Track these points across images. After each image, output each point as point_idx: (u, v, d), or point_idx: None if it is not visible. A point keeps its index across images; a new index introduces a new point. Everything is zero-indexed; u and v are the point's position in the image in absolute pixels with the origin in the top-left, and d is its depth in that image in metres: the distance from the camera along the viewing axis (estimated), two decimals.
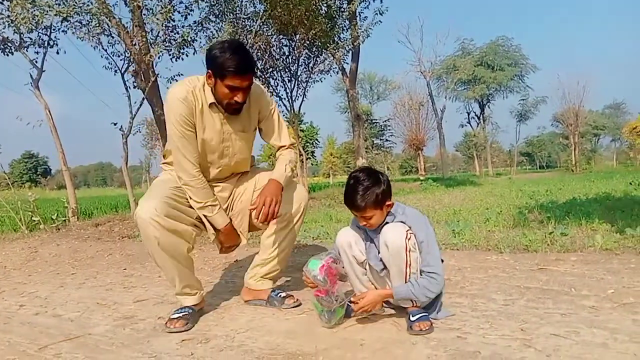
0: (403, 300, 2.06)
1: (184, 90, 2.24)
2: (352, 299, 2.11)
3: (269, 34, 12.33)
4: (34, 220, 6.86)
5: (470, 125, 43.19)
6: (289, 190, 2.47)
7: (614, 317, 2.00)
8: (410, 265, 2.01)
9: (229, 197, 2.53)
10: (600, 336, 1.79)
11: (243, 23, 10.53)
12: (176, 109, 2.22)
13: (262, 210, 2.22)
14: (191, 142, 2.27)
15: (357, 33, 13.05)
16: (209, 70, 2.20)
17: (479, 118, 41.88)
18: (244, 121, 2.41)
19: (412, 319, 1.99)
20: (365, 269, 2.21)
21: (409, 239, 1.99)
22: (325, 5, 12.01)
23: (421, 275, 2.04)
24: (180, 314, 2.29)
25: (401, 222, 2.06)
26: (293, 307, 2.47)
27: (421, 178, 27.44)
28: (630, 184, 10.21)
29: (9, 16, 6.80)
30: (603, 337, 1.79)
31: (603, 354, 1.63)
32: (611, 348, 1.68)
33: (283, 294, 2.56)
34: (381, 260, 2.11)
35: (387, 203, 2.07)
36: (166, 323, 2.27)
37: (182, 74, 8.73)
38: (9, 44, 7.39)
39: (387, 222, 2.10)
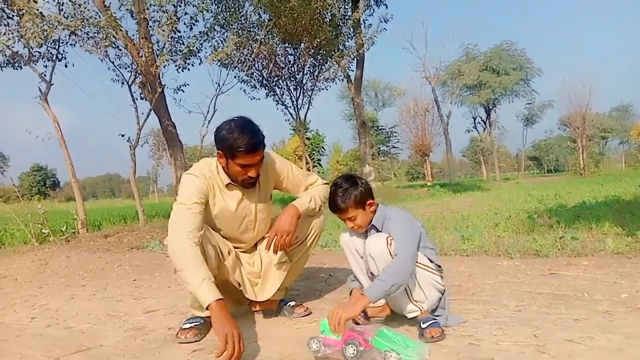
0: (381, 298, 2.04)
1: (199, 172, 2.25)
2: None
3: (274, 42, 12.42)
4: (44, 233, 6.91)
5: (477, 130, 43.12)
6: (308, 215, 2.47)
7: (629, 321, 1.97)
8: None
9: (255, 253, 2.54)
10: (615, 341, 1.77)
11: (248, 32, 10.61)
12: (189, 184, 2.21)
13: (273, 242, 2.25)
14: (196, 217, 2.13)
15: (362, 41, 13.10)
16: (220, 151, 2.20)
17: (485, 123, 41.78)
18: (262, 193, 2.43)
19: (423, 326, 1.98)
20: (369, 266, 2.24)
21: (390, 245, 2.03)
22: (329, 13, 12.07)
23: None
24: (192, 324, 2.28)
25: (388, 225, 2.13)
26: (303, 316, 2.47)
27: (428, 184, 27.39)
28: None
29: (18, 31, 6.90)
30: (618, 342, 1.76)
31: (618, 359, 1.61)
32: (627, 353, 1.66)
33: (293, 303, 2.55)
34: (371, 272, 2.14)
35: (369, 202, 2.15)
36: (177, 334, 2.27)
37: (188, 84, 8.82)
38: (18, 58, 7.50)
39: (374, 226, 2.16)
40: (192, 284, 1.96)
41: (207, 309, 1.93)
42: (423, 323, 1.99)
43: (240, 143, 2.11)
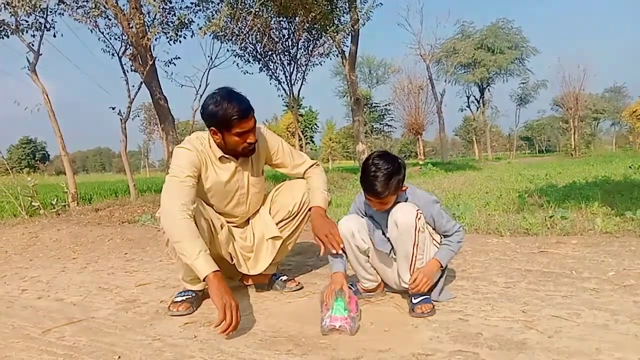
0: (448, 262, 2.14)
1: (191, 145, 2.22)
2: (410, 286, 2.04)
3: (269, 15, 12.19)
4: (34, 206, 6.85)
5: (470, 109, 43.03)
6: (297, 185, 2.49)
7: (615, 299, 2.01)
8: (417, 245, 2.01)
9: (247, 228, 2.53)
10: (601, 318, 1.80)
11: (242, 4, 10.37)
12: (182, 157, 2.18)
13: (327, 246, 2.20)
14: (189, 190, 2.12)
15: (357, 16, 12.88)
16: (212, 128, 2.17)
17: (478, 102, 41.69)
18: (255, 166, 2.41)
19: (414, 301, 2.00)
20: (368, 256, 2.23)
21: (419, 219, 1.99)
22: None
23: (448, 238, 2.12)
24: (184, 297, 2.30)
25: (412, 202, 2.07)
26: (295, 291, 2.48)
27: (420, 162, 27.45)
28: (630, 167, 10.21)
29: None
30: (604, 318, 1.80)
31: (604, 335, 1.64)
32: (612, 329, 1.69)
33: (284, 278, 2.57)
34: (388, 240, 2.11)
35: (404, 187, 2.06)
36: (169, 306, 2.28)
37: (179, 57, 8.65)
38: (5, 27, 7.29)
39: (398, 201, 2.08)
40: (189, 256, 1.96)
41: (204, 280, 1.95)
42: (415, 298, 2.01)
43: (231, 111, 2.09)
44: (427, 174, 14.45)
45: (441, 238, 2.15)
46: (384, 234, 2.13)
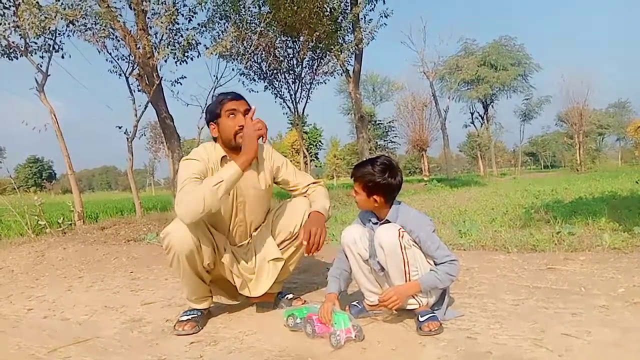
0: (430, 290, 2.06)
1: (198, 156, 2.29)
2: (379, 298, 2.08)
3: (273, 35, 12.36)
4: (40, 225, 6.87)
5: (474, 125, 43.15)
6: (298, 205, 2.47)
7: (626, 316, 1.98)
8: (408, 262, 2.01)
9: (249, 249, 2.51)
10: (612, 335, 1.78)
11: (247, 24, 10.55)
12: (190, 166, 2.23)
13: (308, 241, 2.21)
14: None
15: (362, 35, 13.03)
16: (211, 123, 2.36)
17: (482, 118, 41.80)
18: (260, 175, 2.43)
19: (421, 319, 1.99)
20: (370, 266, 2.22)
21: (402, 237, 2.01)
22: (329, 7, 12.01)
23: (437, 267, 2.04)
24: (189, 316, 2.28)
25: (402, 222, 2.07)
26: None
27: (425, 179, 27.43)
28: (637, 182, 10.15)
29: (15, 21, 6.83)
30: (615, 336, 1.77)
31: (616, 354, 1.62)
32: (624, 347, 1.67)
33: (290, 296, 2.56)
34: (379, 262, 2.11)
35: (375, 197, 2.08)
36: (175, 325, 2.27)
37: (185, 77, 8.77)
38: (15, 49, 7.42)
39: (387, 221, 2.11)
40: (218, 181, 2.03)
41: (244, 171, 2.11)
42: (421, 316, 2.00)
43: (223, 96, 2.33)
44: (433, 191, 14.43)
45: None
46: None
